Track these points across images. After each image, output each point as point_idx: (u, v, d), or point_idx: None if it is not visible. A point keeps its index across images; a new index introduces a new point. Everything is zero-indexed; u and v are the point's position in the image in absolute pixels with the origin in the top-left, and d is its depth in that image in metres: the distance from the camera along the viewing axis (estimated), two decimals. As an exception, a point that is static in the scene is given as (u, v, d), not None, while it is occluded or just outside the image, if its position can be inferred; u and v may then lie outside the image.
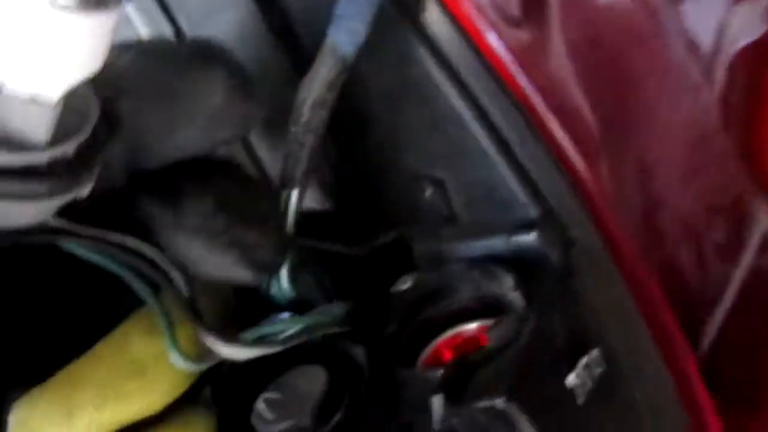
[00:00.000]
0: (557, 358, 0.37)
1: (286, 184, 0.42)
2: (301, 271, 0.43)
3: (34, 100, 0.31)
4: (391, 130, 0.49)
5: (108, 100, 0.36)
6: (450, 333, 0.43)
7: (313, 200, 0.49)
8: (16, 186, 0.32)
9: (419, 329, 0.43)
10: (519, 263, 0.42)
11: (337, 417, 0.36)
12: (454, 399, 0.35)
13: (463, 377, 0.35)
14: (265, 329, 0.40)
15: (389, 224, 0.50)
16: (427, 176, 0.47)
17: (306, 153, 0.42)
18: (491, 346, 0.36)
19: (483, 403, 0.34)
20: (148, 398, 0.37)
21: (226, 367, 0.42)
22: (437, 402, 0.34)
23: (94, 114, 0.34)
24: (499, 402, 0.34)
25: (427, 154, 0.47)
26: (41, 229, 0.38)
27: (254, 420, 0.37)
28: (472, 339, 0.42)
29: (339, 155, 0.50)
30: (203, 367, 0.38)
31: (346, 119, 0.45)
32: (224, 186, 0.40)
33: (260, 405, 0.38)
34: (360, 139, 0.50)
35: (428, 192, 0.48)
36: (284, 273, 0.42)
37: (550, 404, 0.35)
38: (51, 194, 0.33)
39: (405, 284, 0.46)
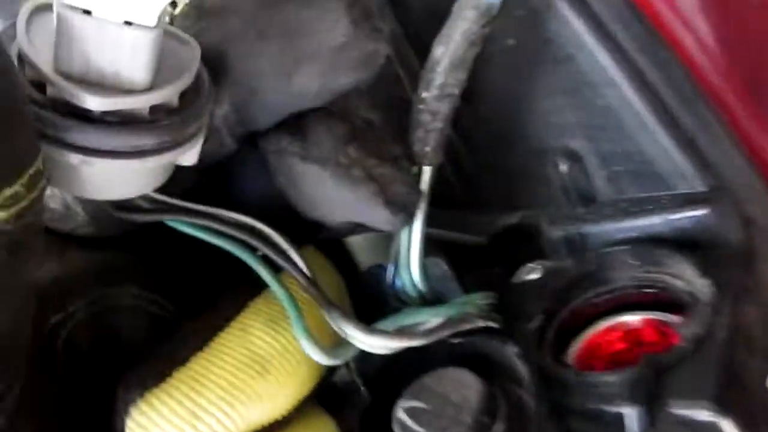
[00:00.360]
0: (755, 358, 0.31)
1: (416, 160, 0.37)
2: (430, 261, 0.38)
3: (128, 25, 0.27)
4: (516, 97, 0.43)
5: (213, 45, 0.32)
6: (601, 326, 0.37)
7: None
8: (116, 138, 0.28)
9: (564, 323, 0.38)
10: (685, 245, 0.36)
11: (498, 428, 0.31)
12: (645, 409, 0.29)
13: (653, 382, 0.30)
14: (404, 320, 0.35)
15: (510, 206, 0.44)
16: (560, 149, 0.42)
17: (440, 123, 0.36)
18: (684, 345, 0.30)
19: (683, 413, 0.28)
20: (276, 400, 0.33)
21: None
22: (632, 414, 0.28)
23: (195, 59, 0.30)
24: (705, 411, 0.28)
25: (562, 124, 0.41)
26: (152, 207, 0.33)
27: (397, 430, 0.32)
28: (632, 333, 0.36)
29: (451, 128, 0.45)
30: (338, 361, 0.33)
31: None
32: (352, 122, 0.35)
33: (401, 414, 0.32)
34: (475, 109, 0.44)
35: (562, 167, 0.42)
36: (415, 261, 0.36)
37: (757, 414, 0.29)
38: (156, 149, 0.29)
39: (532, 273, 0.40)
